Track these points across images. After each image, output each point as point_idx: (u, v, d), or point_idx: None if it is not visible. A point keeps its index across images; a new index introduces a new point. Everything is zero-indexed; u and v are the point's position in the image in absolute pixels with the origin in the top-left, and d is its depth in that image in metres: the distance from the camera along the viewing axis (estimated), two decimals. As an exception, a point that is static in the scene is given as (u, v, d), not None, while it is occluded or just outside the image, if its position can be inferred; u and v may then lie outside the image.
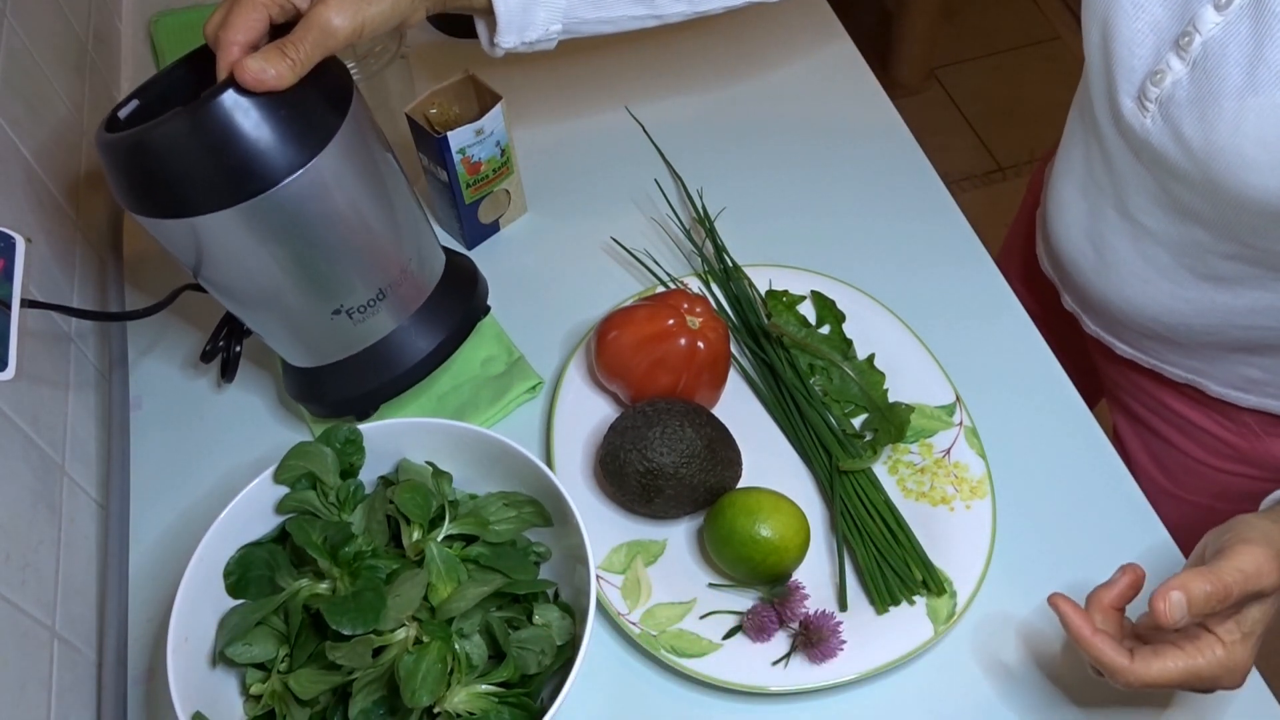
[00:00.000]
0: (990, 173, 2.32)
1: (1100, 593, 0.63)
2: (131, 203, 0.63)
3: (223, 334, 0.79)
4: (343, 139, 0.63)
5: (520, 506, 0.68)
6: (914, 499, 0.76)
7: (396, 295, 0.71)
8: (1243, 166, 0.62)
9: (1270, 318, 0.74)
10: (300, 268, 0.66)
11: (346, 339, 0.71)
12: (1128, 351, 0.87)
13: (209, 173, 0.60)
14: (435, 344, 0.73)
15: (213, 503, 0.77)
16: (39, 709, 0.62)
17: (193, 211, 0.61)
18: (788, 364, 0.82)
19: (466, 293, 0.76)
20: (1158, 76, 0.66)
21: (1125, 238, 0.77)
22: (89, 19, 1.02)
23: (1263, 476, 0.86)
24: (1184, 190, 0.69)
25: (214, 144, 0.59)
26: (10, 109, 0.79)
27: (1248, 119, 0.61)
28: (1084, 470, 0.79)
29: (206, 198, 0.60)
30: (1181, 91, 0.64)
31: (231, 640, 0.63)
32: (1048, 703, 0.69)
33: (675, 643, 0.70)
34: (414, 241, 0.72)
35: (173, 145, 0.59)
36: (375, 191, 0.67)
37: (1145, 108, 0.67)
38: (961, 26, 2.56)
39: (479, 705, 0.61)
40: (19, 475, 0.67)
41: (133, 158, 0.60)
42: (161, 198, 0.61)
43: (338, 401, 0.74)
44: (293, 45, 0.59)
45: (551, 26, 0.73)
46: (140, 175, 0.61)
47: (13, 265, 0.68)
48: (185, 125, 0.59)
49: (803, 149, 0.99)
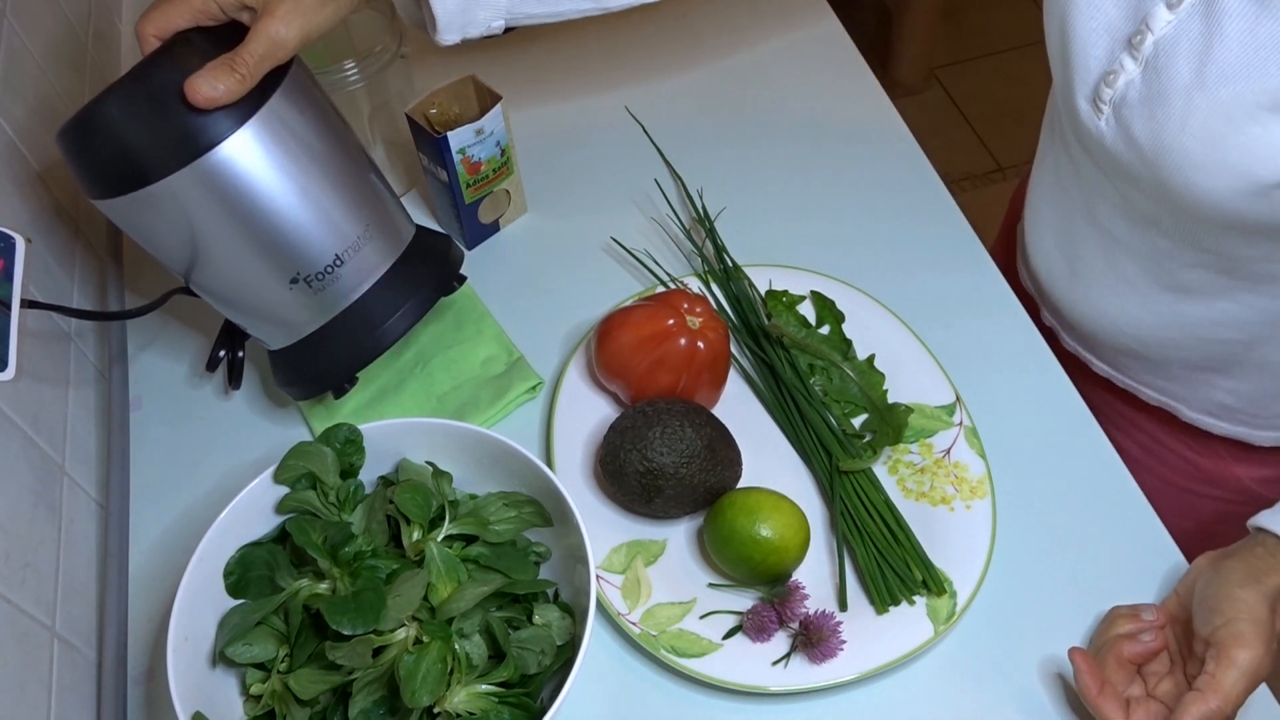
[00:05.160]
0: (990, 173, 2.32)
1: (1123, 646, 0.66)
2: (87, 186, 0.65)
3: (224, 342, 0.79)
4: (280, 102, 0.64)
5: (520, 506, 0.68)
6: (914, 499, 0.76)
7: (356, 261, 0.70)
8: (1190, 166, 0.62)
9: (1234, 330, 0.74)
10: (249, 235, 0.67)
11: (310, 309, 0.71)
12: (1103, 369, 0.87)
13: (147, 141, 0.62)
14: (400, 308, 0.72)
15: (213, 503, 0.77)
16: (39, 709, 0.62)
17: (137, 183, 0.62)
18: (788, 364, 0.82)
19: (436, 261, 0.76)
20: (1111, 77, 0.66)
21: (1096, 247, 0.77)
22: (89, 19, 1.02)
23: (1226, 498, 0.87)
24: (1140, 196, 0.69)
25: (147, 110, 0.61)
26: (10, 109, 0.79)
27: (1195, 117, 0.61)
28: (1084, 470, 0.79)
29: (148, 167, 0.62)
30: (1134, 92, 0.64)
31: (231, 640, 0.63)
32: (1047, 703, 0.69)
33: (675, 643, 0.70)
34: (369, 206, 0.71)
35: (110, 117, 0.62)
36: (322, 156, 0.68)
37: (1099, 109, 0.67)
38: (961, 26, 2.55)
39: (479, 705, 0.61)
40: (19, 475, 0.67)
41: (78, 137, 0.63)
42: (108, 173, 0.63)
43: (312, 377, 0.74)
44: (242, 61, 0.61)
45: (493, 24, 0.73)
46: (88, 155, 0.63)
47: (13, 265, 0.68)
48: (118, 96, 0.61)
49: (803, 149, 0.99)
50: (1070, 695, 0.69)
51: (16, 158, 0.78)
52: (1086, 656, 0.65)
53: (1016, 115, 2.40)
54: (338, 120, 0.71)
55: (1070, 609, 0.72)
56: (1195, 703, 0.59)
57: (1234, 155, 0.60)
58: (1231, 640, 0.60)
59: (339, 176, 0.69)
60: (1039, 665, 0.70)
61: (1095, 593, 0.72)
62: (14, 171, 0.77)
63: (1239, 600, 0.62)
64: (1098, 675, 0.64)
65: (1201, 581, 0.65)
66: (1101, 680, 0.63)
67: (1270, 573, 0.63)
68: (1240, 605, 0.62)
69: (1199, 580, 0.66)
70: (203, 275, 0.70)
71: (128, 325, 0.88)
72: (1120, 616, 0.68)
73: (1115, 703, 0.63)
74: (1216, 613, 0.62)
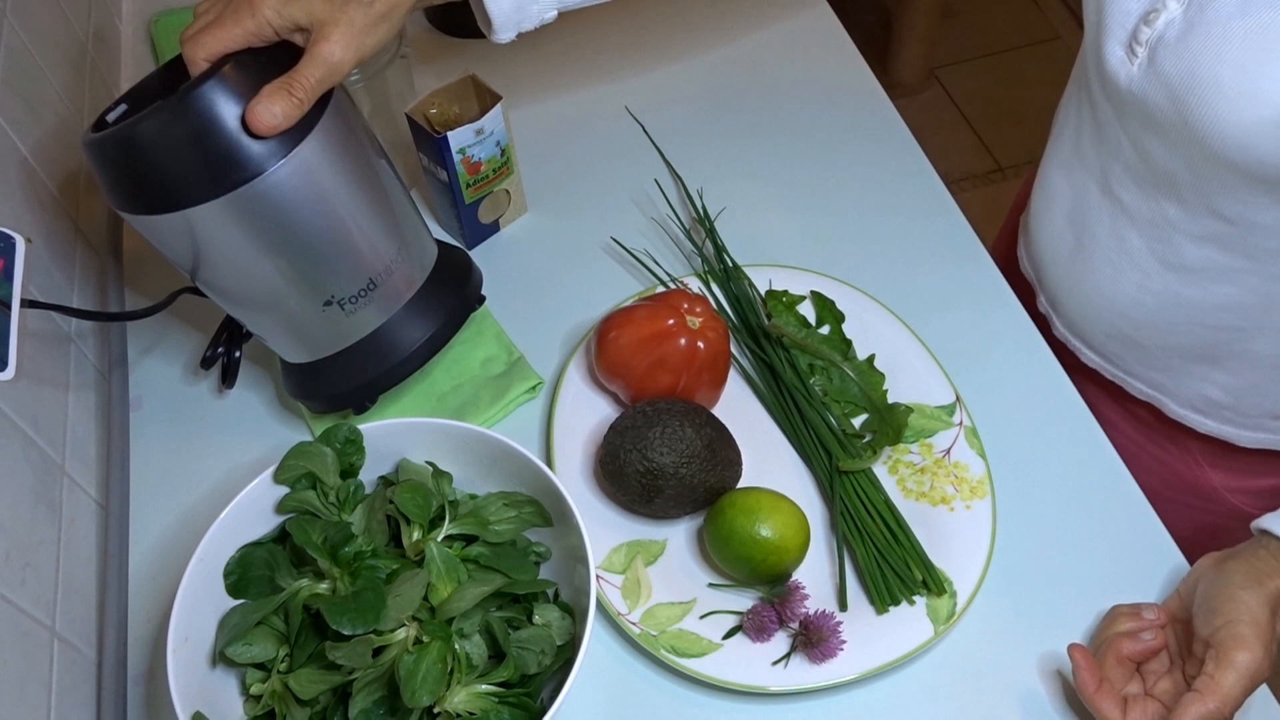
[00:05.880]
0: (990, 173, 2.32)
1: (1123, 644, 0.66)
2: (119, 200, 0.63)
3: (222, 339, 0.79)
4: (325, 127, 0.63)
5: (520, 506, 0.68)
6: (914, 499, 0.76)
7: (387, 285, 0.70)
8: (1221, 100, 0.62)
9: (1231, 315, 0.74)
10: (289, 259, 0.66)
11: (339, 331, 0.71)
12: (1094, 360, 0.86)
13: (193, 165, 0.60)
14: (428, 334, 0.73)
15: (213, 503, 0.77)
16: (39, 709, 0.62)
17: (178, 205, 0.61)
18: (788, 364, 0.82)
19: (459, 283, 0.76)
20: (1152, 16, 0.66)
21: (1104, 217, 0.77)
22: (89, 19, 1.02)
23: (1202, 507, 0.87)
24: (1160, 146, 0.69)
25: (196, 135, 0.60)
26: (10, 109, 0.79)
27: (1231, 43, 0.61)
28: (1084, 470, 0.79)
29: (191, 191, 0.61)
30: (1173, 31, 0.64)
31: (231, 640, 0.63)
32: (1047, 702, 0.69)
33: (675, 643, 0.70)
34: (403, 231, 0.71)
35: (155, 139, 0.60)
36: (361, 181, 0.67)
37: (1135, 53, 0.67)
38: (961, 26, 2.55)
39: (479, 705, 0.61)
40: (19, 475, 0.67)
41: (118, 154, 0.61)
42: (147, 193, 0.62)
43: (334, 395, 0.74)
44: (300, 85, 0.60)
45: (546, 15, 0.74)
46: (126, 172, 0.61)
47: (13, 265, 0.68)
48: (166, 118, 0.59)
49: (803, 149, 0.99)
50: (1070, 695, 0.69)
51: (16, 158, 0.78)
52: (1085, 653, 0.65)
53: (1016, 115, 2.40)
54: (374, 140, 0.70)
55: (1070, 609, 0.72)
56: (1194, 703, 0.60)
57: (1266, 82, 0.60)
58: (1231, 642, 0.61)
59: (378, 198, 0.69)
60: (1039, 665, 0.70)
61: (1095, 593, 0.72)
62: (14, 171, 0.77)
63: (1240, 602, 0.62)
64: (1095, 672, 0.64)
65: (1203, 582, 0.65)
66: (1099, 677, 0.64)
67: (1272, 575, 0.63)
68: (1241, 607, 0.62)
69: (1200, 581, 0.66)
70: (229, 290, 0.69)
71: (128, 325, 0.88)
72: (1122, 615, 0.68)
73: (1112, 700, 0.63)
74: (1217, 614, 0.62)
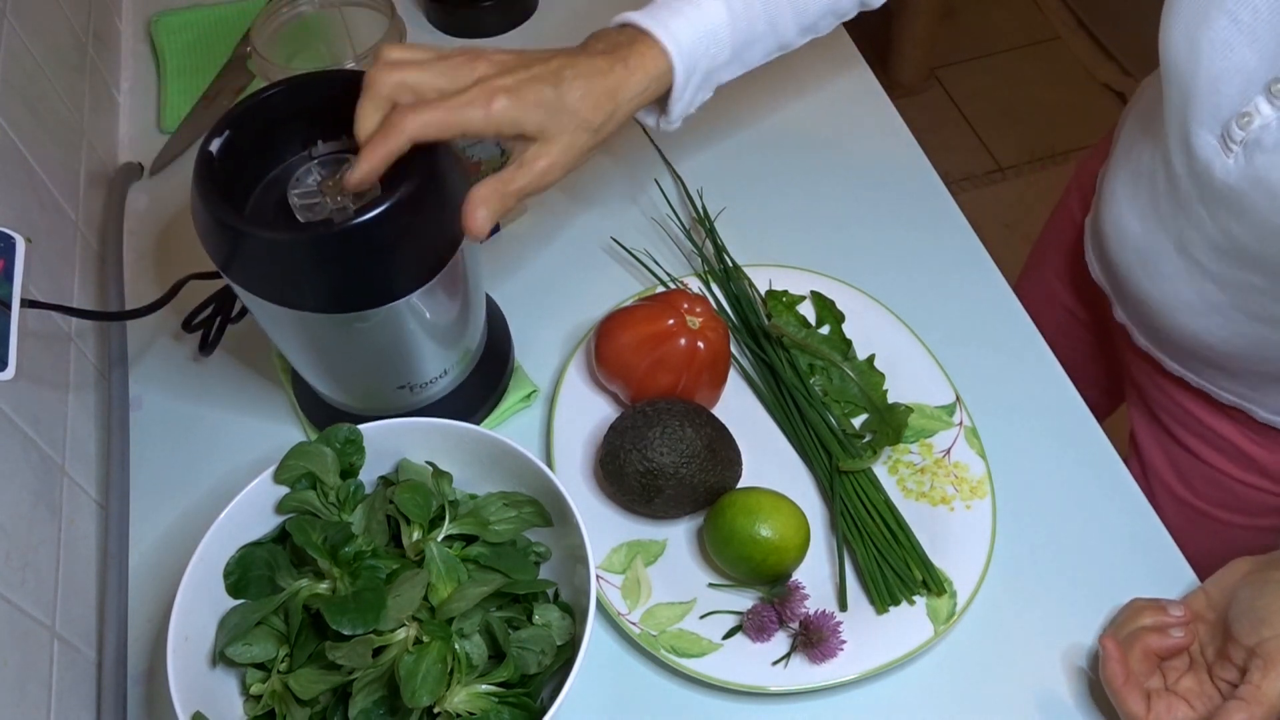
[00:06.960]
0: (990, 173, 2.32)
1: (1151, 639, 0.66)
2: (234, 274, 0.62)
3: (208, 308, 0.80)
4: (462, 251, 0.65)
5: (520, 506, 0.68)
6: (914, 499, 0.76)
7: (455, 372, 0.75)
8: None
9: None
10: (390, 359, 0.69)
11: (399, 405, 0.75)
12: (1176, 369, 0.86)
13: (358, 276, 0.61)
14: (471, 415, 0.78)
15: (213, 503, 0.76)
16: (39, 709, 0.62)
17: (388, 299, 0.62)
18: (788, 364, 0.82)
19: (499, 367, 0.80)
20: (1244, 119, 0.64)
21: (1180, 271, 0.76)
22: (89, 19, 1.02)
23: (1276, 490, 0.86)
24: (1249, 234, 0.68)
25: (373, 250, 0.59)
26: (10, 109, 0.79)
27: None
28: (1084, 470, 0.79)
29: (365, 297, 0.62)
30: (1270, 136, 0.63)
31: (231, 640, 0.63)
32: (1047, 703, 0.69)
33: (675, 643, 0.70)
34: (480, 328, 0.76)
35: (344, 247, 0.59)
36: (467, 297, 0.70)
37: (1229, 148, 0.66)
38: (961, 26, 2.55)
39: (479, 705, 0.61)
40: (19, 475, 0.67)
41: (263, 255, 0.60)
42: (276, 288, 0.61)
43: None
44: (512, 193, 0.61)
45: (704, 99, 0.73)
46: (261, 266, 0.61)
47: (13, 265, 0.68)
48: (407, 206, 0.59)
49: (803, 149, 0.99)
50: (1070, 694, 0.69)
51: (16, 157, 0.78)
52: (1118, 645, 0.65)
53: (1016, 115, 2.40)
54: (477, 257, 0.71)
55: (1070, 609, 0.72)
56: (1238, 710, 0.60)
57: None
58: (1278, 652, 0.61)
59: (471, 311, 0.72)
60: (1039, 665, 0.70)
61: (1095, 593, 0.72)
62: (14, 171, 0.77)
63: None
64: (1126, 664, 0.64)
65: (1247, 589, 0.65)
66: (1128, 670, 0.64)
67: None
68: None
69: (1243, 588, 0.65)
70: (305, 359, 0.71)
71: (128, 325, 0.88)
72: (1145, 609, 0.68)
73: (1138, 693, 0.63)
74: (1266, 624, 0.62)
